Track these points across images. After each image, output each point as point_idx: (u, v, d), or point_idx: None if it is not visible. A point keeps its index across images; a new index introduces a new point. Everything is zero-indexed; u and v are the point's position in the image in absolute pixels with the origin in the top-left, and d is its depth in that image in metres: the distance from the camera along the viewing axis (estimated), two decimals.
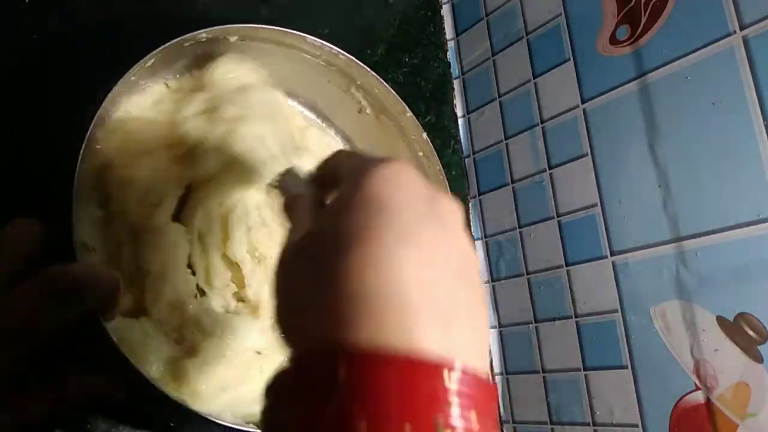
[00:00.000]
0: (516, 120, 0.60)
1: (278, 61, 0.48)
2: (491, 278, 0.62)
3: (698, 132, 0.44)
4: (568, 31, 0.54)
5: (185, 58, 0.44)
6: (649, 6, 0.48)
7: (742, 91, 0.41)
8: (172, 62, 0.43)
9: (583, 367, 0.51)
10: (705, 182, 0.43)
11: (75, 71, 0.43)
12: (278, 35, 0.45)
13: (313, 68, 0.49)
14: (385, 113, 0.52)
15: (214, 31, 0.40)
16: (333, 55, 0.47)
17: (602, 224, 0.50)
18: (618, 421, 0.48)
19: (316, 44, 0.46)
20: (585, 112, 0.52)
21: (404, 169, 0.24)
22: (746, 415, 0.40)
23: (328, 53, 0.47)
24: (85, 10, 0.45)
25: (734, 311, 0.41)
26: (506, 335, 0.59)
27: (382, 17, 0.63)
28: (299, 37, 0.45)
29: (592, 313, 0.51)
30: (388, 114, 0.51)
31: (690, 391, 0.43)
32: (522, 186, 0.59)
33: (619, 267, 0.49)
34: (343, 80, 0.50)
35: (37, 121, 0.41)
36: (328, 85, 0.51)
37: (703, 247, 0.43)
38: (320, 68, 0.49)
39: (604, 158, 0.51)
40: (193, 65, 0.45)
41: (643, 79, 0.48)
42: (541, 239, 0.56)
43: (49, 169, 0.34)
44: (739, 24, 0.41)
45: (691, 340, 0.44)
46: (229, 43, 0.44)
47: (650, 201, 0.47)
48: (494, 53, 0.63)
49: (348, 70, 0.49)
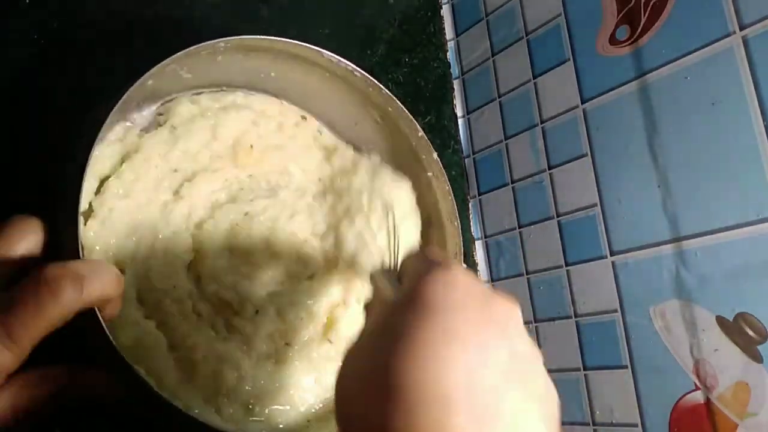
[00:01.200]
0: (516, 120, 0.60)
1: (298, 78, 0.47)
2: (491, 278, 0.62)
3: (698, 132, 0.44)
4: (568, 31, 0.54)
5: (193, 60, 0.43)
6: (649, 6, 0.48)
7: (742, 91, 0.41)
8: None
9: (583, 367, 0.51)
10: (705, 182, 0.43)
11: (76, 71, 0.43)
12: (294, 48, 0.43)
13: (326, 83, 0.48)
14: (397, 131, 0.50)
15: (232, 41, 0.39)
16: (348, 72, 0.46)
17: (602, 224, 0.50)
18: (618, 420, 0.48)
19: (333, 60, 0.45)
20: (585, 112, 0.52)
21: (458, 273, 0.25)
22: (746, 415, 0.40)
23: (344, 69, 0.46)
24: (85, 10, 0.45)
25: (734, 311, 0.41)
26: None
27: (382, 17, 0.63)
28: (315, 52, 0.44)
29: (592, 312, 0.51)
30: (400, 132, 0.50)
31: (690, 390, 0.43)
32: (522, 186, 0.59)
33: (619, 267, 0.49)
34: (357, 96, 0.49)
35: (37, 121, 0.41)
36: (342, 100, 0.50)
37: (703, 247, 0.43)
38: (334, 83, 0.48)
39: (604, 158, 0.51)
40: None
41: (643, 79, 0.48)
42: (541, 239, 0.56)
43: (49, 168, 0.34)
44: (739, 24, 0.41)
45: (690, 340, 0.44)
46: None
47: (650, 201, 0.47)
48: (494, 53, 0.63)
49: (362, 87, 0.48)
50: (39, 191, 0.34)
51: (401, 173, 0.50)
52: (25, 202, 0.31)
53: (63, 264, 0.27)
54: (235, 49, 0.41)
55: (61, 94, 0.42)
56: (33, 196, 0.36)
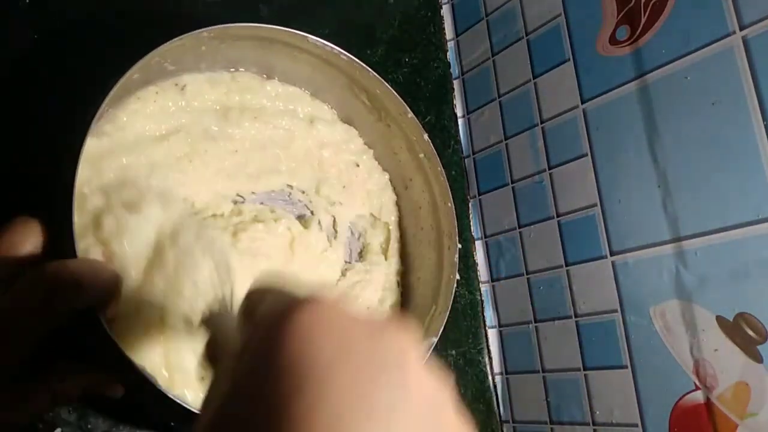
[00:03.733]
0: (516, 120, 0.60)
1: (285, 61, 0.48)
2: (491, 278, 0.62)
3: (698, 132, 0.44)
4: (568, 31, 0.54)
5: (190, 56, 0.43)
6: (649, 6, 0.48)
7: (742, 91, 0.41)
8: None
9: (583, 367, 0.51)
10: (705, 182, 0.43)
11: (76, 71, 0.43)
12: (278, 34, 0.44)
13: (317, 69, 0.49)
14: (386, 113, 0.52)
15: (215, 30, 0.40)
16: (334, 56, 0.47)
17: (602, 224, 0.50)
18: (618, 420, 0.48)
19: (318, 44, 0.46)
20: (585, 112, 0.52)
21: (328, 309, 0.19)
22: (746, 415, 0.40)
23: (330, 53, 0.47)
24: (85, 10, 0.45)
25: (734, 311, 0.41)
26: (506, 335, 0.60)
27: (382, 17, 0.63)
28: (301, 37, 0.45)
29: (592, 313, 0.51)
30: (389, 114, 0.52)
31: (690, 390, 0.43)
32: (522, 186, 0.59)
33: (619, 267, 0.49)
34: (344, 80, 0.50)
35: (37, 121, 0.41)
36: (332, 83, 0.51)
37: (703, 247, 0.43)
38: (324, 68, 0.49)
39: (603, 158, 0.51)
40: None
41: (642, 79, 0.48)
42: (541, 239, 0.56)
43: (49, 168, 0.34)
44: (739, 24, 0.41)
45: (690, 340, 0.44)
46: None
47: (650, 201, 0.47)
48: (494, 53, 0.63)
49: (349, 71, 0.49)
50: (38, 191, 0.34)
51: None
52: (23, 202, 0.31)
53: (62, 263, 0.27)
54: (219, 39, 0.42)
55: (61, 94, 0.42)
56: (31, 196, 0.36)
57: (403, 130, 0.52)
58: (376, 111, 0.52)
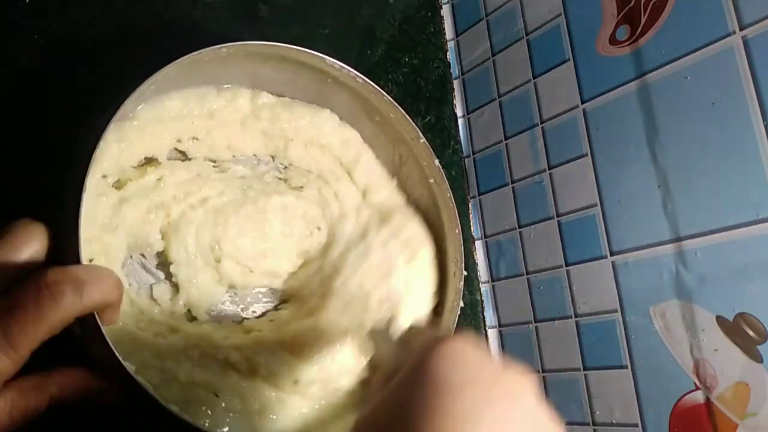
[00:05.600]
0: (516, 120, 0.60)
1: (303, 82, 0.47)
2: (491, 278, 0.62)
3: (698, 132, 0.44)
4: (568, 31, 0.54)
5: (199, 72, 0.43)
6: (648, 6, 0.48)
7: (742, 91, 0.41)
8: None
9: (583, 367, 0.51)
10: (705, 182, 0.43)
11: (76, 72, 0.43)
12: (297, 54, 0.43)
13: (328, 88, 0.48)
14: (399, 137, 0.51)
15: (231, 47, 0.39)
16: (350, 78, 0.46)
17: (602, 224, 0.50)
18: (618, 420, 0.48)
19: (336, 66, 0.45)
20: (585, 112, 0.52)
21: (466, 346, 0.24)
22: (746, 415, 0.40)
23: (347, 75, 0.46)
24: (85, 11, 0.45)
25: (734, 311, 0.41)
26: (506, 335, 0.60)
27: (382, 17, 0.63)
28: (318, 59, 0.44)
29: (592, 313, 0.51)
30: (401, 138, 0.51)
31: (690, 390, 0.43)
32: (522, 186, 0.59)
33: (619, 267, 0.49)
34: (359, 102, 0.49)
35: (37, 123, 0.41)
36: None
37: (703, 247, 0.43)
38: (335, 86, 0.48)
39: (603, 158, 0.51)
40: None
41: (642, 79, 0.48)
42: (540, 239, 0.56)
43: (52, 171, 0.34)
44: (739, 24, 0.41)
45: (690, 340, 0.44)
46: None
47: (650, 201, 0.47)
48: (494, 53, 0.63)
49: (365, 94, 0.48)
50: (41, 195, 0.34)
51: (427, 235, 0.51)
52: (26, 207, 0.31)
53: (63, 269, 0.27)
54: (237, 55, 0.42)
55: (62, 95, 0.42)
56: (34, 201, 0.36)
57: (415, 156, 0.51)
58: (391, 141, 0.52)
